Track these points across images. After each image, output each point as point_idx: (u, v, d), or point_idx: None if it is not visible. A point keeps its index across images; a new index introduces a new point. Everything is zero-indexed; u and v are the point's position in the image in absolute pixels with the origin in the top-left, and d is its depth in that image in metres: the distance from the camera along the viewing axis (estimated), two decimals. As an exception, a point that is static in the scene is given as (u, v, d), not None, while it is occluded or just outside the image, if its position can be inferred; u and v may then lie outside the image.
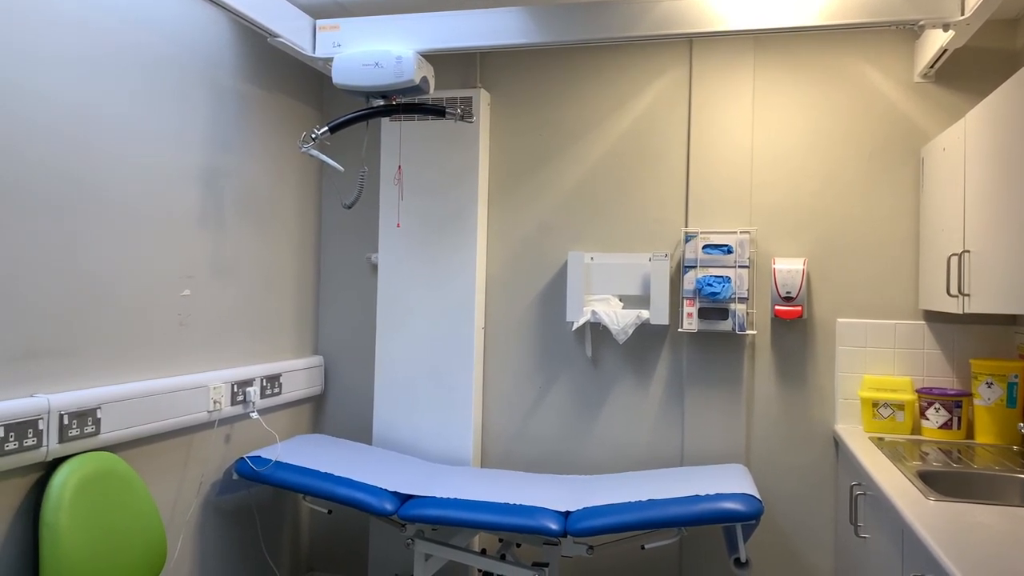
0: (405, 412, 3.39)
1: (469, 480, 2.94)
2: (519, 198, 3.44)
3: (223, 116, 2.94)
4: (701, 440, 3.17)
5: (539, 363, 3.40)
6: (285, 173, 3.37)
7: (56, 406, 2.15)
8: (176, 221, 2.69)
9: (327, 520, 3.63)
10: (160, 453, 2.63)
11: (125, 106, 2.45)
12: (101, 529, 2.21)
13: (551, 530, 2.51)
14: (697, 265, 3.13)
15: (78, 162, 2.28)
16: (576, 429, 3.34)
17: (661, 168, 3.29)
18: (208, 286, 2.87)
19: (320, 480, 2.75)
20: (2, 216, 2.04)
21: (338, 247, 3.66)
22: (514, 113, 3.45)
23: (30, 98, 2.11)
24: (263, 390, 3.13)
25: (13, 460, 2.02)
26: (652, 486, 2.75)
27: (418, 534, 2.79)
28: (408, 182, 3.41)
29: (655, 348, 3.27)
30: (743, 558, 2.57)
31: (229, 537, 3.02)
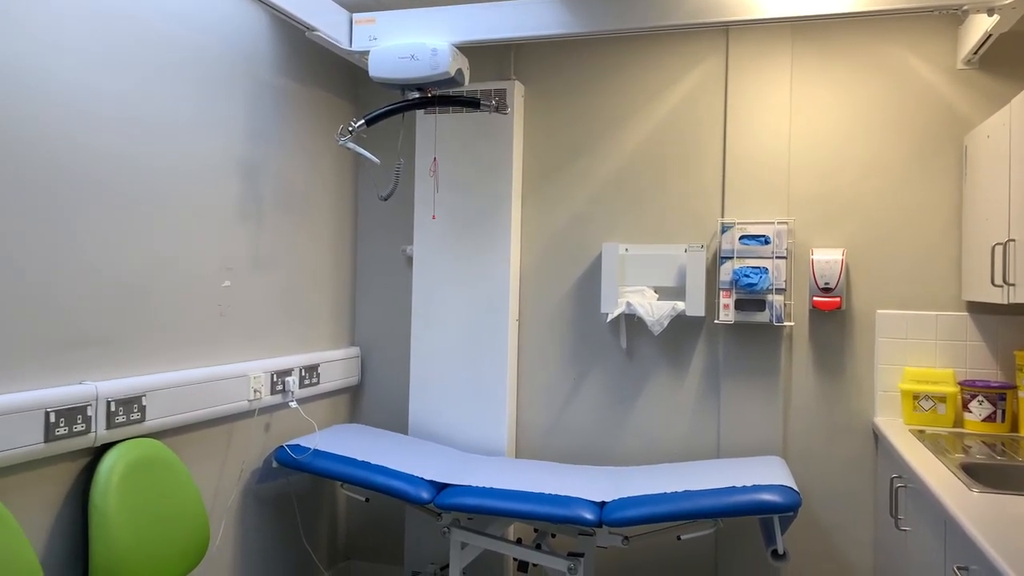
0: (440, 403, 3.41)
1: (504, 470, 2.96)
2: (553, 190, 3.44)
3: (262, 110, 2.98)
4: (737, 432, 3.15)
5: (573, 355, 3.40)
6: (321, 166, 3.41)
7: (104, 393, 2.21)
8: (217, 214, 2.74)
9: (364, 508, 3.68)
10: (202, 441, 2.68)
11: (168, 101, 2.50)
12: (147, 513, 2.26)
13: (586, 520, 2.52)
14: (734, 256, 3.11)
15: (125, 156, 2.33)
16: (611, 421, 3.34)
17: (696, 159, 3.27)
18: (248, 278, 2.92)
19: (358, 468, 2.79)
20: (54, 209, 2.09)
21: (373, 240, 3.69)
22: (548, 105, 3.45)
23: (77, 94, 2.17)
24: (302, 380, 3.17)
25: (63, 445, 2.08)
26: (688, 478, 2.74)
27: (454, 523, 2.82)
28: (442, 175, 3.43)
29: (691, 340, 3.26)
30: (780, 550, 2.55)
31: (269, 524, 3.07)
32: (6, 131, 1.96)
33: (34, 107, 2.04)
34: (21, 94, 2.00)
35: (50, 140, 2.09)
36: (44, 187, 2.07)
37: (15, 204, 1.99)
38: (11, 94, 1.97)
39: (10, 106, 1.97)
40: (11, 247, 1.98)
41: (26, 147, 2.02)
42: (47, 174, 2.08)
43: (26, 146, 2.02)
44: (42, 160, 2.06)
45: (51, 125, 2.09)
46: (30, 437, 1.98)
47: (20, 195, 2.00)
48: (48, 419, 2.03)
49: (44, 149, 2.07)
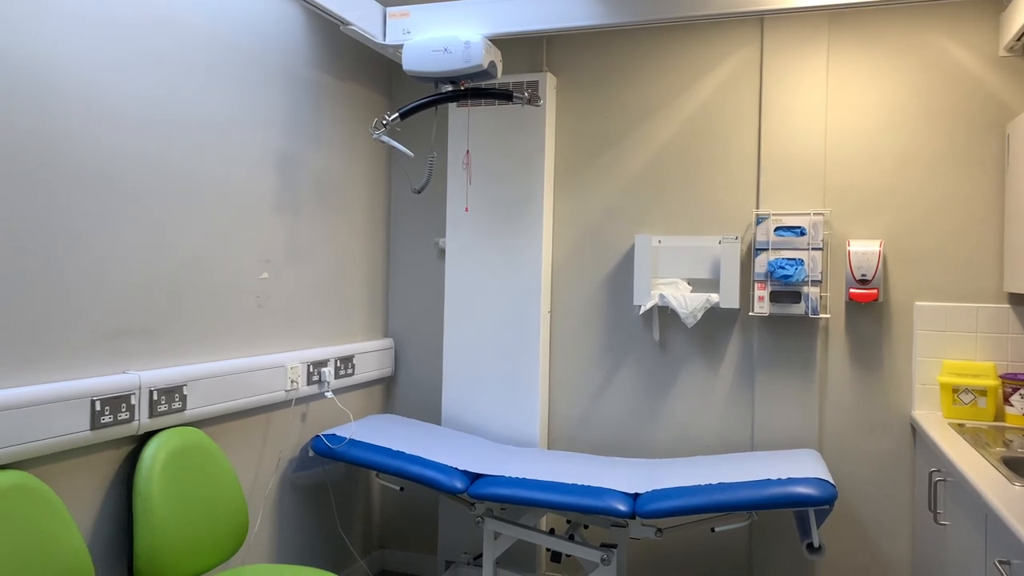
0: (473, 394, 3.44)
1: (537, 461, 2.98)
2: (586, 181, 3.44)
3: (298, 104, 3.02)
4: (772, 425, 3.13)
5: (605, 347, 3.40)
6: (356, 159, 3.45)
7: (146, 382, 2.26)
8: (255, 206, 2.78)
9: (398, 498, 3.72)
10: (241, 430, 2.73)
11: (209, 97, 2.54)
12: (189, 500, 2.31)
13: (620, 511, 2.53)
14: (769, 247, 3.08)
15: (167, 153, 2.38)
16: (643, 413, 3.34)
17: (731, 149, 3.24)
18: (285, 269, 2.96)
19: (393, 458, 2.82)
20: (99, 205, 2.15)
21: (407, 232, 3.72)
22: (581, 96, 3.45)
23: (121, 92, 2.22)
24: (337, 371, 3.22)
25: (109, 432, 2.14)
26: (722, 470, 2.73)
27: (487, 513, 2.84)
28: (475, 167, 3.44)
29: (725, 332, 3.24)
30: (816, 543, 2.53)
31: (305, 512, 3.12)
32: (51, 132, 2.01)
33: (77, 108, 2.09)
34: (66, 99, 2.05)
35: (93, 140, 2.14)
36: (91, 184, 2.12)
37: (62, 202, 2.04)
38: (57, 98, 2.02)
39: (55, 109, 2.02)
40: (58, 243, 2.04)
41: (72, 147, 2.07)
42: (94, 172, 2.13)
43: (72, 146, 2.07)
44: (88, 159, 2.11)
45: (93, 124, 2.14)
46: (77, 425, 2.04)
47: (67, 194, 2.06)
48: (94, 407, 2.08)
49: (88, 148, 2.12)
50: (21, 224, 1.94)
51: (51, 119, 2.01)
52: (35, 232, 1.98)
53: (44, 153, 2.00)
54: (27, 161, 1.95)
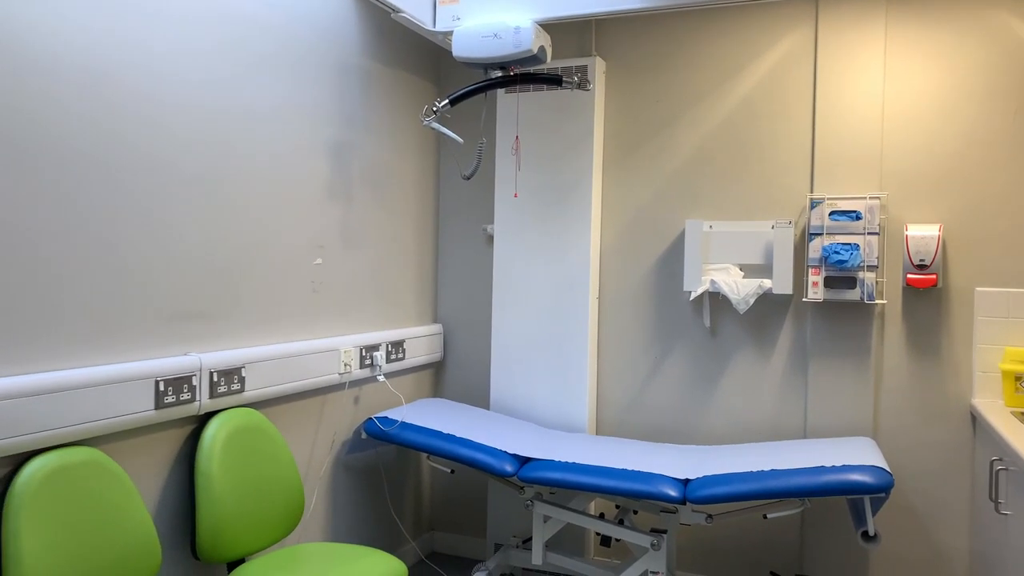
0: (521, 379, 3.45)
1: (586, 446, 2.98)
2: (635, 166, 3.41)
3: (349, 92, 3.06)
4: (826, 413, 3.09)
5: (655, 333, 3.38)
6: (405, 147, 3.48)
7: (207, 364, 2.33)
8: (309, 193, 2.83)
9: (448, 482, 3.77)
10: (297, 411, 2.80)
11: (263, 86, 2.59)
12: (247, 478, 2.38)
13: (670, 496, 2.52)
14: (823, 232, 3.03)
15: (225, 140, 2.43)
16: (693, 400, 3.32)
17: (784, 132, 3.19)
18: (337, 255, 3.01)
19: (443, 441, 2.85)
20: (163, 194, 2.21)
21: (455, 219, 3.75)
22: (630, 80, 3.42)
23: (182, 82, 2.27)
24: (388, 355, 3.26)
25: (172, 412, 2.21)
26: (774, 457, 2.70)
27: (536, 496, 2.86)
28: (523, 153, 3.44)
29: (777, 318, 3.20)
30: (871, 532, 2.49)
31: (358, 493, 3.18)
32: (115, 123, 2.08)
33: (139, 101, 2.15)
34: (127, 89, 2.11)
35: (157, 129, 2.20)
36: (155, 172, 2.19)
37: (129, 190, 2.11)
38: (119, 90, 2.09)
39: (118, 101, 2.09)
40: (123, 230, 2.11)
41: (137, 136, 2.13)
42: (156, 161, 2.19)
43: (137, 136, 2.13)
44: (150, 148, 2.18)
45: (156, 116, 2.20)
46: (142, 404, 2.11)
47: (133, 182, 2.12)
48: (158, 388, 2.16)
49: (151, 137, 2.18)
50: (92, 212, 2.01)
51: (118, 109, 2.08)
52: (103, 220, 2.05)
53: (111, 143, 2.06)
54: (97, 152, 2.02)
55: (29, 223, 1.86)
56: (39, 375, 1.86)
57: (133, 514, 1.99)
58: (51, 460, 1.84)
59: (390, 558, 2.38)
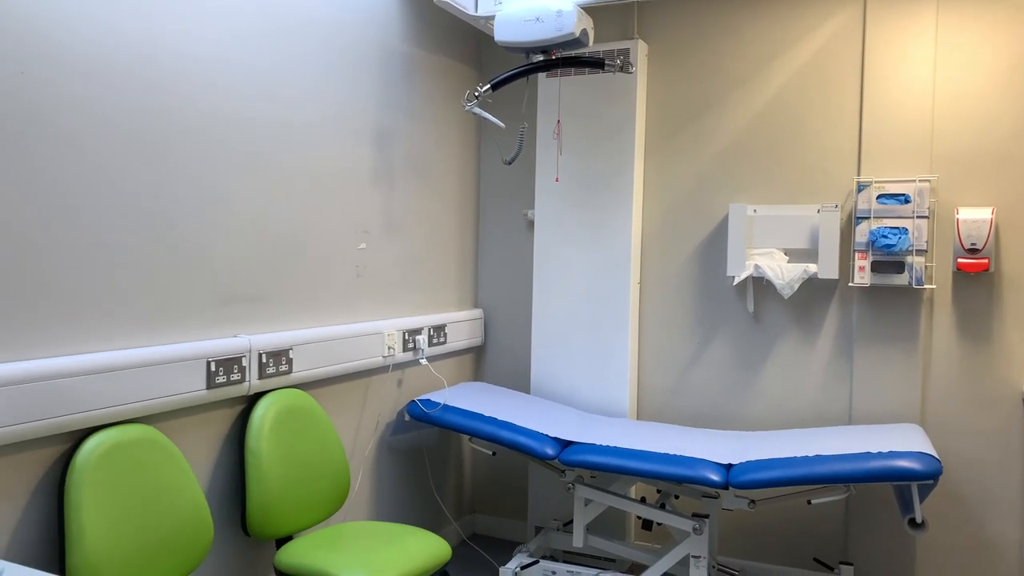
0: (562, 364, 3.46)
1: (628, 430, 2.99)
2: (677, 150, 3.39)
3: (392, 79, 3.08)
4: (872, 399, 3.04)
5: (697, 318, 3.36)
6: (447, 132, 3.50)
7: (256, 346, 2.38)
8: (353, 179, 2.87)
9: (489, 465, 3.80)
10: (342, 393, 2.85)
11: (309, 73, 2.63)
12: (295, 457, 2.44)
13: (712, 481, 2.52)
14: (871, 216, 2.97)
15: (270, 127, 2.47)
16: (736, 385, 3.29)
17: (830, 115, 3.13)
18: (381, 240, 3.05)
19: (486, 424, 2.88)
20: (212, 180, 2.26)
21: (496, 204, 3.76)
22: (672, 63, 3.39)
23: (228, 70, 2.32)
24: (430, 339, 3.30)
25: (222, 392, 2.27)
26: (819, 443, 2.68)
27: (578, 480, 2.87)
28: (564, 137, 3.44)
29: (822, 303, 3.15)
30: (919, 519, 2.46)
31: (402, 474, 3.23)
32: (167, 110, 2.13)
33: (190, 88, 2.20)
34: (178, 76, 2.16)
35: (204, 115, 2.24)
36: (205, 160, 2.24)
37: (181, 177, 2.16)
38: (171, 76, 2.13)
39: (170, 87, 2.13)
40: (176, 215, 2.16)
41: (185, 124, 2.18)
42: (206, 149, 2.24)
43: (185, 123, 2.18)
44: (200, 136, 2.23)
45: (207, 103, 2.25)
46: (194, 384, 2.17)
47: (185, 170, 2.17)
48: (209, 368, 2.21)
49: (199, 124, 2.23)
50: (147, 199, 2.06)
51: (170, 96, 2.12)
52: (158, 206, 2.10)
53: (164, 132, 2.11)
54: (150, 143, 2.07)
55: (89, 209, 1.92)
56: (98, 355, 1.92)
57: (187, 490, 2.05)
58: (109, 437, 1.91)
59: (434, 538, 2.42)
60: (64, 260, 1.87)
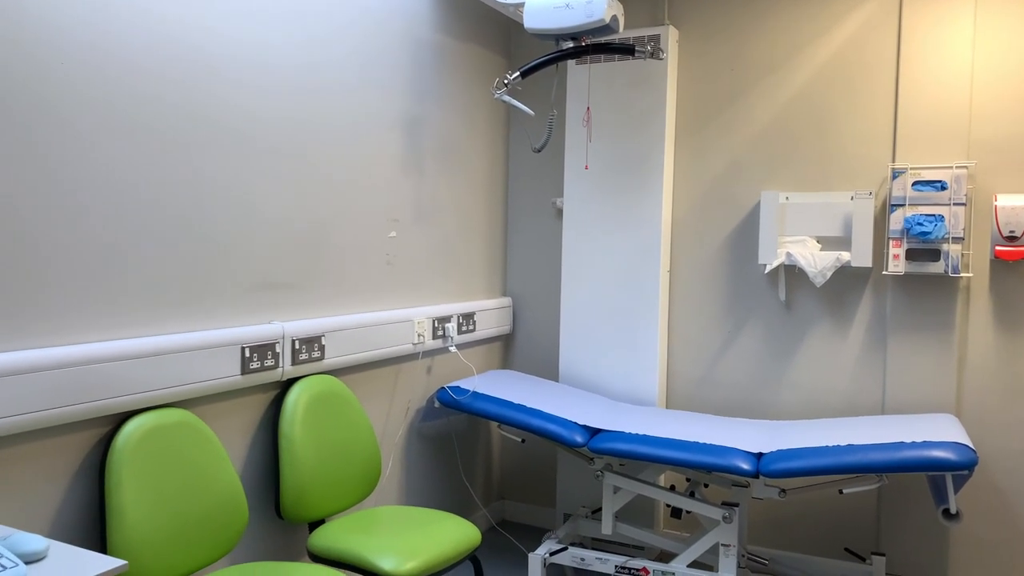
0: (590, 352, 3.46)
1: (657, 419, 2.98)
2: (708, 137, 3.36)
3: (421, 67, 3.09)
4: (905, 389, 3.01)
5: (727, 307, 3.34)
6: (476, 121, 3.50)
7: (289, 332, 2.41)
8: (383, 168, 2.89)
9: (518, 451, 3.82)
10: (373, 380, 2.88)
11: (340, 61, 2.65)
12: (328, 442, 2.47)
13: (743, 470, 2.51)
14: (906, 203, 2.93)
15: (302, 115, 2.50)
16: (767, 374, 3.27)
17: (864, 100, 3.08)
18: (411, 229, 3.06)
19: (515, 411, 2.89)
20: (245, 167, 2.29)
21: (524, 192, 3.76)
22: (703, 49, 3.36)
23: (263, 59, 2.34)
24: (459, 327, 3.32)
25: (257, 378, 2.30)
26: (851, 432, 2.65)
27: (607, 467, 2.88)
28: (594, 124, 3.42)
29: (855, 291, 3.12)
30: (953, 510, 2.43)
31: (431, 460, 3.26)
32: (199, 104, 2.16)
33: (222, 80, 2.22)
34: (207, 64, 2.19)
35: (237, 108, 2.27)
36: (238, 148, 2.27)
37: (217, 166, 2.19)
38: (200, 64, 2.16)
39: (204, 81, 2.16)
40: (211, 205, 2.19)
41: (218, 112, 2.21)
42: (238, 139, 2.27)
43: (219, 115, 2.21)
44: (232, 127, 2.25)
45: (237, 94, 2.27)
46: (230, 369, 2.21)
47: (220, 159, 2.20)
48: (244, 354, 2.25)
49: (233, 117, 2.26)
50: (182, 187, 2.10)
51: (200, 83, 2.15)
52: (193, 194, 2.13)
53: (196, 119, 2.14)
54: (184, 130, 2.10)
55: (130, 201, 1.96)
56: (137, 340, 1.96)
57: (222, 473, 2.09)
58: (148, 420, 1.95)
59: (465, 523, 2.44)
60: (107, 249, 1.91)
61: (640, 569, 2.78)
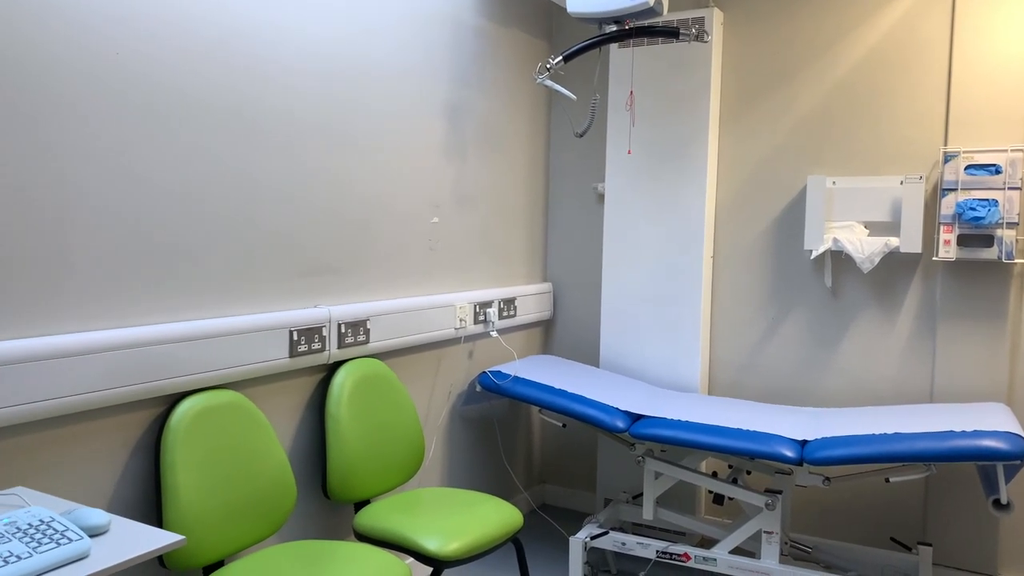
0: (631, 338, 3.46)
1: (699, 405, 2.97)
2: (753, 120, 3.31)
3: (463, 52, 3.10)
4: (955, 377, 2.95)
5: (771, 293, 3.31)
6: (517, 106, 3.50)
7: (335, 316, 2.45)
8: (426, 153, 2.91)
9: (558, 435, 3.84)
10: (416, 363, 2.91)
11: (382, 48, 2.67)
12: (373, 424, 2.51)
13: (786, 457, 2.49)
14: (958, 187, 2.86)
15: (347, 102, 2.52)
16: (811, 362, 3.23)
17: (915, 82, 3.01)
18: (452, 214, 3.08)
19: (556, 396, 2.91)
20: (293, 156, 2.32)
21: (565, 177, 3.75)
22: (749, 31, 3.30)
23: (310, 46, 2.37)
24: (500, 312, 3.33)
25: (304, 360, 2.35)
26: (898, 420, 2.61)
27: (648, 453, 2.88)
28: (636, 108, 3.40)
29: (904, 278, 3.06)
30: (1004, 500, 2.39)
31: (473, 443, 3.30)
32: (248, 90, 2.19)
33: (270, 66, 2.26)
34: (262, 58, 2.22)
35: (284, 93, 2.30)
36: (284, 138, 2.30)
37: (263, 156, 2.23)
38: (255, 59, 2.20)
39: (252, 68, 2.20)
40: (259, 191, 2.23)
41: (266, 102, 2.24)
42: (286, 126, 2.31)
43: (266, 101, 2.24)
44: (280, 113, 2.29)
45: (283, 80, 2.30)
46: (278, 352, 2.26)
47: (267, 146, 2.24)
48: (292, 337, 2.29)
49: (280, 103, 2.29)
50: (230, 176, 2.14)
51: (247, 70, 2.19)
52: (245, 182, 2.18)
53: (247, 111, 2.18)
54: (237, 120, 2.14)
55: (179, 190, 2.00)
56: (190, 323, 2.01)
57: (271, 453, 2.14)
58: (200, 401, 2.01)
59: (507, 505, 2.46)
60: (163, 237, 1.96)
61: (682, 554, 2.78)
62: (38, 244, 1.71)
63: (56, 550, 1.28)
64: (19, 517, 1.35)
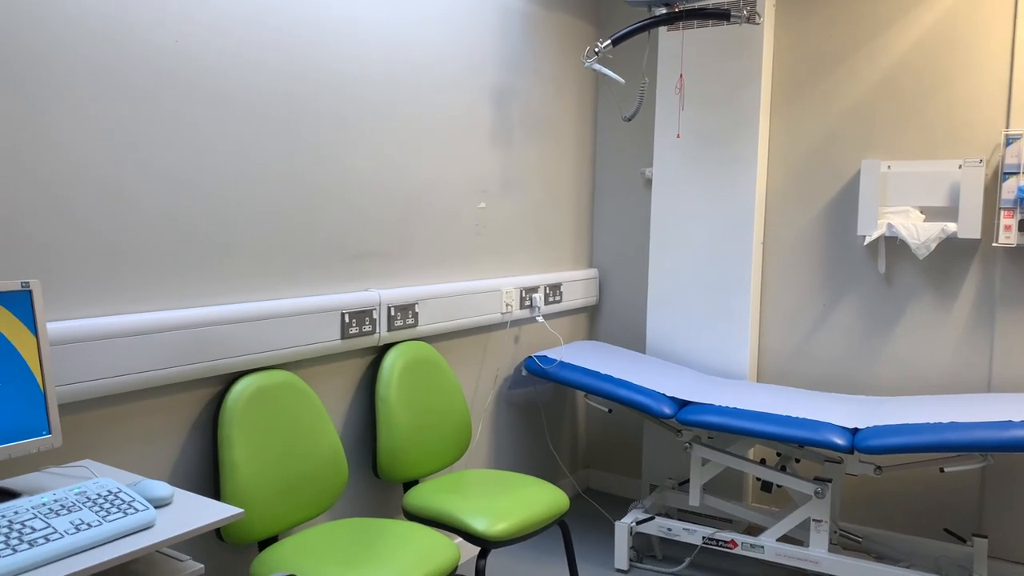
0: (679, 325, 3.44)
1: (747, 392, 2.95)
2: (806, 104, 3.25)
3: (510, 37, 3.10)
4: (1015, 367, 2.87)
5: (823, 280, 3.25)
6: (564, 90, 3.49)
7: (385, 300, 2.49)
8: (473, 138, 2.92)
9: (603, 421, 3.84)
10: (463, 347, 2.94)
11: (431, 32, 2.68)
12: (422, 405, 2.55)
13: (837, 445, 2.46)
14: (1020, 171, 2.77)
15: (397, 88, 2.55)
16: (864, 349, 3.18)
17: (975, 63, 2.92)
18: (499, 199, 3.10)
19: (602, 381, 2.91)
20: (343, 141, 2.36)
21: (612, 163, 3.74)
22: (801, 12, 3.24)
23: (360, 32, 2.40)
24: (546, 297, 3.34)
25: (356, 342, 2.39)
26: (954, 409, 2.56)
27: (695, 439, 2.87)
28: (686, 92, 3.36)
29: (961, 264, 2.98)
30: (1065, 493, 2.32)
31: (519, 427, 3.32)
32: (300, 76, 2.23)
33: (321, 52, 2.29)
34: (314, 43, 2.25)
35: (335, 79, 2.34)
36: (336, 124, 2.34)
37: (315, 142, 2.27)
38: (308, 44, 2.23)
39: (304, 53, 2.23)
40: (312, 177, 2.27)
41: (318, 89, 2.28)
42: (337, 113, 2.34)
43: (318, 88, 2.28)
44: (331, 100, 2.32)
45: (334, 66, 2.34)
46: (330, 334, 2.30)
47: (320, 134, 2.28)
48: (343, 320, 2.34)
49: (331, 89, 2.32)
50: (284, 163, 2.18)
51: (305, 64, 2.22)
52: (296, 168, 2.22)
53: (298, 97, 2.22)
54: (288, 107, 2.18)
55: (233, 176, 2.05)
56: (246, 305, 2.07)
57: (324, 432, 2.19)
58: (256, 380, 2.06)
59: (553, 488, 2.48)
60: (221, 223, 2.01)
61: (728, 541, 2.77)
62: (111, 229, 1.77)
63: (124, 519, 1.34)
64: (88, 488, 1.41)
